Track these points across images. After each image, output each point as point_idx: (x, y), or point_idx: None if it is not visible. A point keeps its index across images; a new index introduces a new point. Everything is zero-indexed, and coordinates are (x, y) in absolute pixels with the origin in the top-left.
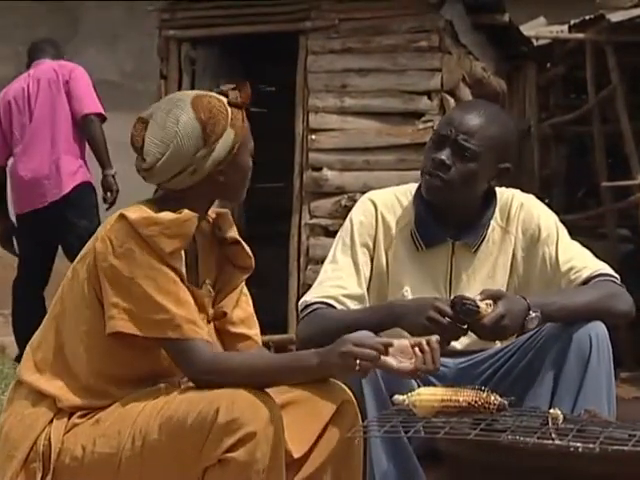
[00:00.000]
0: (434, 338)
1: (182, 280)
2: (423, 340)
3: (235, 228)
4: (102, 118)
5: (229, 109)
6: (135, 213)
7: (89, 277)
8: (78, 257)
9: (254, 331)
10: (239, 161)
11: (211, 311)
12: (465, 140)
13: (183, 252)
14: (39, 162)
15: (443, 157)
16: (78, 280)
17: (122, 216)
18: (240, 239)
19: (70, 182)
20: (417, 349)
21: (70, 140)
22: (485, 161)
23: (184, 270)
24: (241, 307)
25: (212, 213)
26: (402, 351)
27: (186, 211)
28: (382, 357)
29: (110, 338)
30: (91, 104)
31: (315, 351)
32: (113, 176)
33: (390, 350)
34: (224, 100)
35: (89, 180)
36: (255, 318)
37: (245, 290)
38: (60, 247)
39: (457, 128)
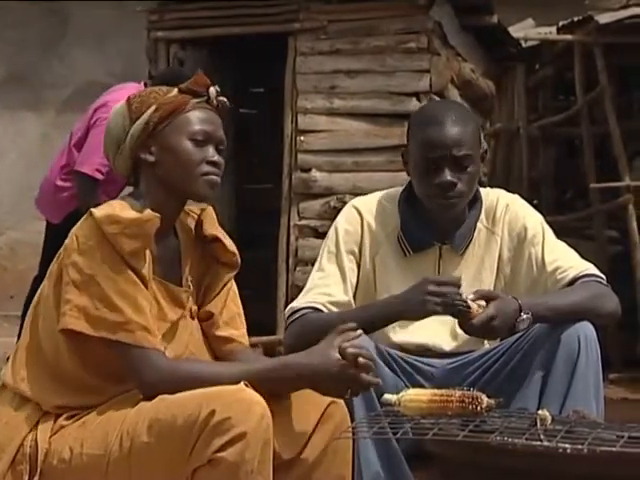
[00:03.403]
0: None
1: (143, 281)
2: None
3: (217, 225)
4: (92, 179)
5: (172, 93)
6: (102, 210)
7: (58, 275)
8: (55, 256)
9: (240, 332)
10: (169, 141)
11: (194, 307)
12: (460, 151)
13: (148, 252)
14: (48, 178)
15: (449, 179)
16: (52, 279)
17: (91, 213)
18: (220, 236)
19: (62, 211)
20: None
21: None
22: (477, 157)
23: (146, 270)
24: (227, 307)
25: (197, 210)
26: None
27: (148, 211)
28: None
29: (73, 338)
30: (86, 164)
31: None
32: None
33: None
34: (174, 88)
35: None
36: (242, 317)
37: (234, 287)
38: None
39: (450, 146)
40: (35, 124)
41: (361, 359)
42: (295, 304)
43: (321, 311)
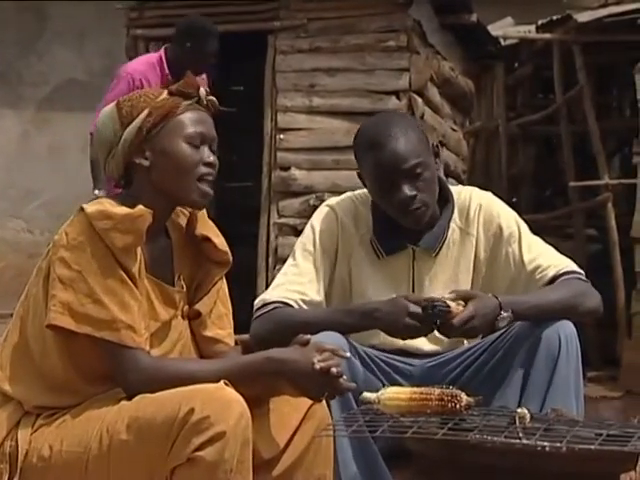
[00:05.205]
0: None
1: (132, 280)
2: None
3: (208, 224)
4: None
5: (162, 96)
6: (93, 206)
7: (46, 272)
8: (44, 253)
9: (226, 331)
10: (165, 145)
11: (185, 307)
12: (408, 163)
13: (140, 250)
14: None
15: (407, 193)
16: (41, 276)
17: (81, 209)
18: (211, 235)
19: None
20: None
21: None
22: (428, 159)
23: (136, 268)
24: (216, 307)
25: (188, 208)
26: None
27: (140, 207)
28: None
29: (60, 334)
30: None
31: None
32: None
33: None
34: (164, 91)
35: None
36: (229, 317)
37: (224, 288)
38: None
39: (398, 162)
40: (14, 122)
41: (333, 369)
42: (266, 296)
43: (292, 307)
